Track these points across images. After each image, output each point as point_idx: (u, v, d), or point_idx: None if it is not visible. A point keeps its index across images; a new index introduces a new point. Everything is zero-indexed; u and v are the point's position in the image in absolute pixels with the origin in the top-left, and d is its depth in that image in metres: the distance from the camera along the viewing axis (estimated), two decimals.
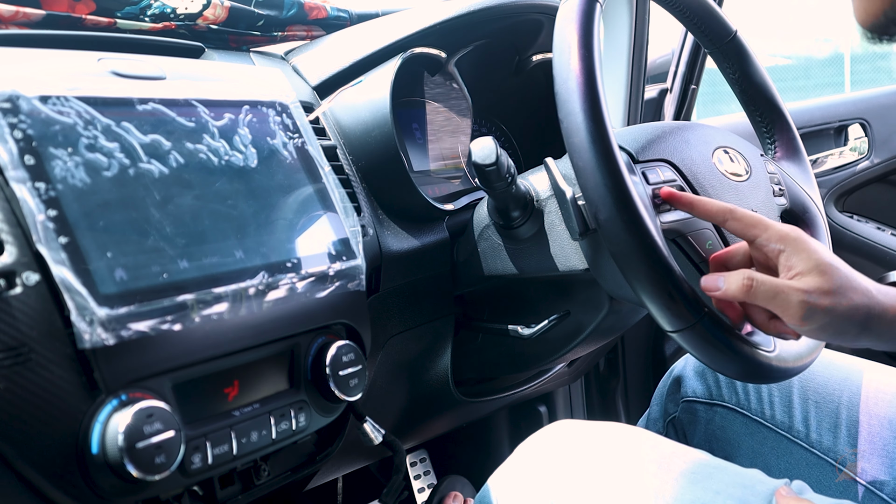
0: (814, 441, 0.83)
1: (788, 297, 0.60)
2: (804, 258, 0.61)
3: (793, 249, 0.62)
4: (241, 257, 0.59)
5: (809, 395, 0.85)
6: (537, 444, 0.74)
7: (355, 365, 0.67)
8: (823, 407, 0.83)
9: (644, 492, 0.64)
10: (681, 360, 0.99)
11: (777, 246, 0.63)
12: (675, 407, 0.96)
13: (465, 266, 0.89)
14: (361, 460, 1.05)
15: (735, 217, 0.66)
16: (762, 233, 0.64)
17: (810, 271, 0.61)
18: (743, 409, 0.89)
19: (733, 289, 0.62)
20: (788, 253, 0.62)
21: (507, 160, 0.75)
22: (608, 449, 0.69)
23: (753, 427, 0.88)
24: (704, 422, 0.92)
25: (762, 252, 0.65)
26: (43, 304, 0.49)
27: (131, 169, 0.56)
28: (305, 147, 0.70)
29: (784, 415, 0.86)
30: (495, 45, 1.03)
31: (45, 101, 0.53)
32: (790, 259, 0.62)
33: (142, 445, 0.50)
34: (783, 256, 0.63)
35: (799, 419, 0.84)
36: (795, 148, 0.95)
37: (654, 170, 0.76)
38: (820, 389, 0.84)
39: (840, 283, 0.60)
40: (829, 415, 0.83)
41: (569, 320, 0.88)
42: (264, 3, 0.94)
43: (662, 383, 1.00)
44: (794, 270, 0.61)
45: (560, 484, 0.68)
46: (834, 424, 0.82)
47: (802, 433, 0.84)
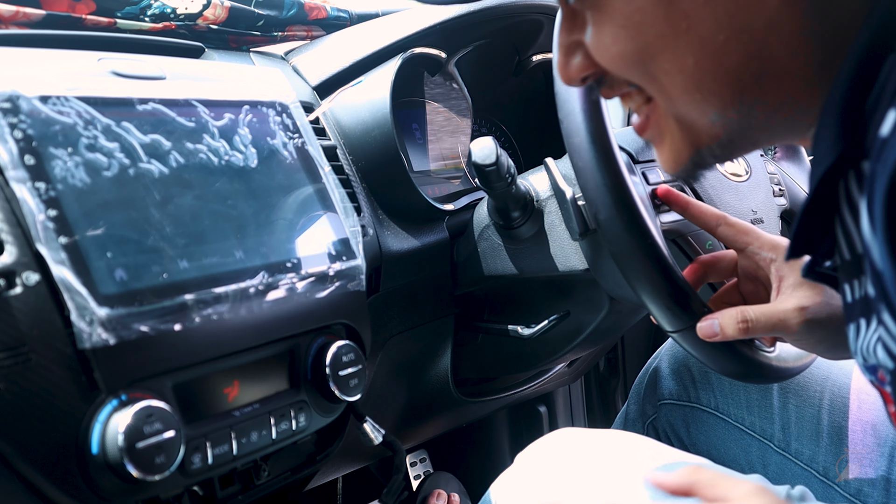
0: (795, 451, 0.81)
1: (788, 321, 0.59)
2: (796, 268, 0.61)
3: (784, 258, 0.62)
4: (241, 257, 0.59)
5: (790, 397, 0.83)
6: (538, 452, 0.74)
7: (355, 365, 0.67)
8: (804, 412, 0.81)
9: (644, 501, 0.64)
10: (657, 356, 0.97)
11: (768, 254, 0.63)
12: (654, 409, 0.94)
13: (465, 266, 0.89)
14: (361, 460, 1.05)
15: (727, 223, 0.66)
16: (754, 241, 0.64)
17: (803, 282, 0.60)
18: (722, 414, 0.87)
19: (730, 332, 0.61)
20: (780, 262, 0.62)
21: (507, 160, 0.75)
22: (610, 457, 0.69)
23: (736, 434, 0.85)
24: (685, 426, 0.91)
25: (753, 261, 0.65)
26: (43, 304, 0.49)
27: (131, 169, 0.56)
28: (305, 147, 0.70)
29: (764, 421, 0.84)
30: (495, 45, 1.03)
31: (45, 101, 0.53)
32: (782, 268, 0.62)
33: (142, 445, 0.50)
34: (774, 265, 0.62)
35: (779, 426, 0.82)
36: (795, 148, 0.95)
37: (655, 170, 0.76)
38: (800, 391, 0.82)
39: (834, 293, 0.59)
40: (809, 421, 0.81)
41: (569, 320, 0.88)
42: (264, 3, 0.94)
43: (639, 381, 0.98)
44: (787, 281, 0.61)
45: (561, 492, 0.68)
46: (815, 432, 0.80)
47: (783, 442, 0.82)
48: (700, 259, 0.70)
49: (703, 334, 0.62)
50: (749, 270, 0.66)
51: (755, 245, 0.64)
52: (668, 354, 0.95)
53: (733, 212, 0.79)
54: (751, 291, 0.67)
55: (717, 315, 0.62)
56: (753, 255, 0.64)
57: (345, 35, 0.95)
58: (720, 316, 0.61)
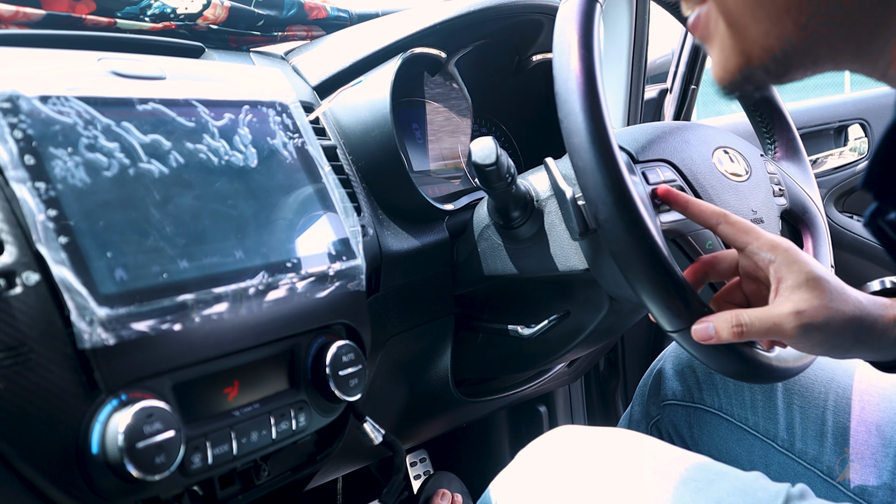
0: (799, 451, 0.81)
1: (783, 325, 0.59)
2: (795, 270, 0.60)
3: (783, 260, 0.61)
4: (241, 257, 0.59)
5: (794, 398, 0.83)
6: (538, 450, 0.74)
7: (355, 365, 0.67)
8: (808, 413, 0.81)
9: (644, 499, 0.64)
10: (661, 358, 0.97)
11: (767, 255, 0.62)
12: (658, 410, 0.94)
13: (465, 266, 0.89)
14: (361, 460, 1.05)
15: (728, 221, 0.66)
16: (753, 241, 0.64)
17: (801, 285, 0.60)
18: (726, 415, 0.87)
19: (725, 336, 0.60)
20: (779, 263, 0.62)
21: (507, 160, 0.75)
22: (609, 455, 0.69)
23: (739, 434, 0.85)
24: (688, 427, 0.91)
25: (752, 260, 0.64)
26: (43, 304, 0.49)
27: (131, 169, 0.56)
28: (305, 147, 0.70)
29: (768, 421, 0.83)
30: (495, 45, 1.03)
31: (45, 101, 0.53)
32: (780, 270, 0.61)
33: (142, 445, 0.50)
34: (773, 266, 0.62)
35: (783, 426, 0.82)
36: (795, 148, 0.95)
37: (654, 170, 0.76)
38: (805, 392, 0.82)
39: (832, 296, 0.59)
40: (814, 421, 0.81)
41: (569, 320, 0.88)
42: (264, 3, 0.94)
43: (643, 382, 0.98)
44: (786, 283, 0.60)
45: (561, 490, 0.68)
46: (820, 432, 0.80)
47: (787, 442, 0.82)
48: (701, 259, 0.70)
49: (697, 337, 0.62)
50: (749, 270, 0.66)
51: (754, 245, 0.64)
52: (673, 356, 0.95)
53: (733, 211, 0.79)
54: (753, 291, 0.67)
55: (711, 318, 0.61)
56: (753, 255, 0.64)
57: (345, 35, 0.95)
58: (715, 319, 0.61)
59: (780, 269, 0.61)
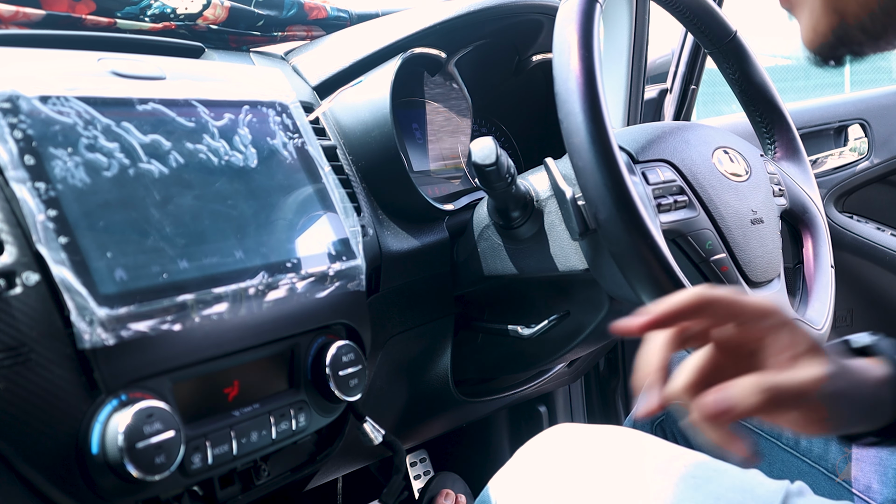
0: (804, 449, 0.80)
1: (808, 392, 0.48)
2: (802, 337, 0.50)
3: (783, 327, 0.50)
4: (240, 257, 0.59)
5: None
6: (537, 448, 0.74)
7: (355, 365, 0.67)
8: None
9: (644, 497, 0.64)
10: None
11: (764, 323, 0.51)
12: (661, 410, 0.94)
13: (465, 266, 0.89)
14: (361, 460, 1.05)
15: None
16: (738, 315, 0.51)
17: (813, 348, 0.50)
18: None
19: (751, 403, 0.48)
20: (784, 331, 0.50)
21: (507, 160, 0.75)
22: (608, 453, 0.69)
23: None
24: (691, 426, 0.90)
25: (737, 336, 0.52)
26: (43, 304, 0.49)
27: (131, 169, 0.56)
28: (305, 147, 0.70)
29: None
30: (495, 45, 1.03)
31: (45, 101, 0.53)
32: (782, 337, 0.50)
33: (142, 445, 0.50)
34: (773, 334, 0.50)
35: None
36: (795, 148, 0.95)
37: (654, 170, 0.76)
38: None
39: (838, 363, 0.50)
40: None
41: (569, 320, 0.88)
42: (264, 3, 0.94)
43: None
44: (797, 350, 0.50)
45: (560, 488, 0.68)
46: None
47: (792, 440, 0.81)
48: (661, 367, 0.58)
49: (711, 414, 0.49)
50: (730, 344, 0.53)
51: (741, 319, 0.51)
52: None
53: (733, 211, 0.79)
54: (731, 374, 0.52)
55: (724, 387, 0.49)
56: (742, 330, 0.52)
57: (345, 35, 0.95)
58: (732, 387, 0.48)
59: (782, 336, 0.50)
